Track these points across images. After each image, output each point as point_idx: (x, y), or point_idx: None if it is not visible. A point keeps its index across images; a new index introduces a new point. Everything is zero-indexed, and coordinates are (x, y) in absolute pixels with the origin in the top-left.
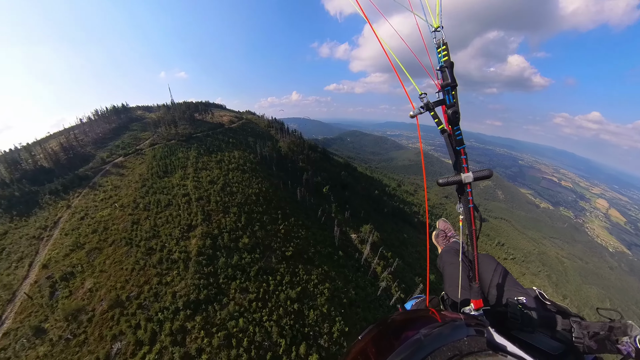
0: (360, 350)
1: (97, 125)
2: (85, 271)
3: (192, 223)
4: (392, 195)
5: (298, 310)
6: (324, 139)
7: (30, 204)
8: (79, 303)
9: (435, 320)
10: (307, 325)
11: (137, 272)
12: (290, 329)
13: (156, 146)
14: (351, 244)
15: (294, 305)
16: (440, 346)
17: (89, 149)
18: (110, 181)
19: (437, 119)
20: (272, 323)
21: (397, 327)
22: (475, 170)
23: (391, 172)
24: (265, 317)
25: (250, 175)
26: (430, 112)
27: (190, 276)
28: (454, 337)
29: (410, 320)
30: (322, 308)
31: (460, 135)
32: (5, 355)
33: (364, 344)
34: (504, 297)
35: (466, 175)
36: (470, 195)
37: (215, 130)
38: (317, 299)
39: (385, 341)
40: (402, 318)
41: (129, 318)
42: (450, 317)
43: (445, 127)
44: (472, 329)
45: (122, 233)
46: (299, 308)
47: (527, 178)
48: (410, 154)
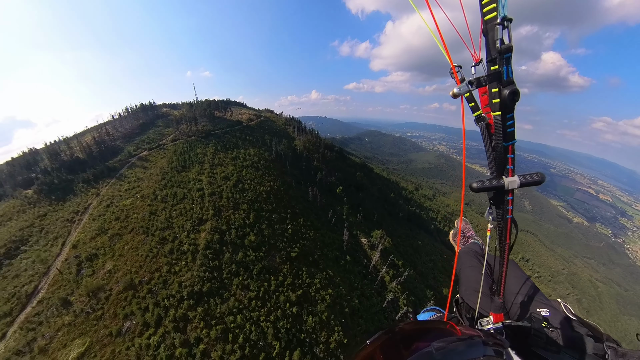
0: (366, 356)
1: (127, 121)
2: (106, 254)
3: (203, 217)
4: (409, 199)
5: (296, 314)
6: (342, 138)
7: (66, 190)
8: (100, 282)
9: (450, 334)
10: (304, 331)
11: (150, 259)
12: (286, 332)
13: (177, 142)
14: (360, 249)
15: (293, 308)
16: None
17: (119, 143)
18: (134, 173)
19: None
20: (269, 324)
21: (408, 336)
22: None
23: (409, 174)
24: (263, 317)
25: (264, 172)
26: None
27: (197, 268)
28: (470, 355)
29: (423, 331)
30: (322, 315)
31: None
32: (39, 319)
33: (371, 350)
34: (528, 308)
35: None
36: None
37: (234, 127)
38: (317, 305)
39: (395, 350)
40: (415, 327)
41: (139, 301)
42: (468, 333)
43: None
44: (491, 349)
45: (140, 222)
46: (297, 312)
47: (559, 188)
48: (431, 157)
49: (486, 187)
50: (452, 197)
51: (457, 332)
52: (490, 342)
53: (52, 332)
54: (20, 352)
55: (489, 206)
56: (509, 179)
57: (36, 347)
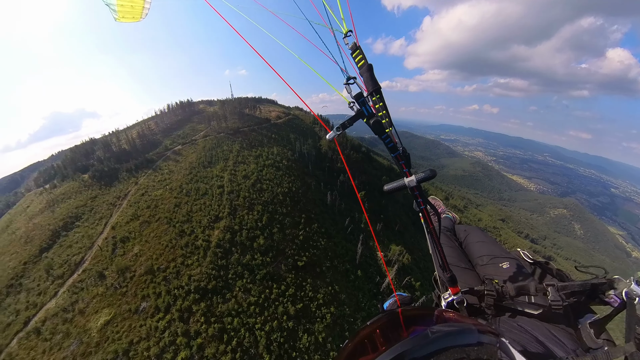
0: (367, 335)
1: (167, 117)
2: (136, 238)
3: (219, 215)
4: None
5: (292, 329)
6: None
7: (112, 177)
8: (127, 263)
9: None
10: (296, 349)
11: (168, 249)
12: (278, 346)
13: (207, 138)
14: (375, 264)
15: (290, 322)
16: (448, 347)
17: (159, 137)
18: (167, 166)
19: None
20: (263, 333)
21: (407, 319)
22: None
23: (440, 181)
24: (259, 325)
25: (284, 172)
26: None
27: (206, 265)
28: (465, 340)
29: (422, 316)
30: (319, 335)
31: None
32: (81, 286)
33: (371, 330)
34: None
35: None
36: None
37: (261, 125)
38: (316, 323)
39: (393, 331)
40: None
41: (155, 285)
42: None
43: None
44: (485, 337)
45: (165, 213)
46: (294, 327)
47: (621, 213)
48: (465, 163)
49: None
50: (486, 211)
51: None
52: (485, 330)
53: (89, 298)
54: (65, 309)
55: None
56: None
57: (77, 308)
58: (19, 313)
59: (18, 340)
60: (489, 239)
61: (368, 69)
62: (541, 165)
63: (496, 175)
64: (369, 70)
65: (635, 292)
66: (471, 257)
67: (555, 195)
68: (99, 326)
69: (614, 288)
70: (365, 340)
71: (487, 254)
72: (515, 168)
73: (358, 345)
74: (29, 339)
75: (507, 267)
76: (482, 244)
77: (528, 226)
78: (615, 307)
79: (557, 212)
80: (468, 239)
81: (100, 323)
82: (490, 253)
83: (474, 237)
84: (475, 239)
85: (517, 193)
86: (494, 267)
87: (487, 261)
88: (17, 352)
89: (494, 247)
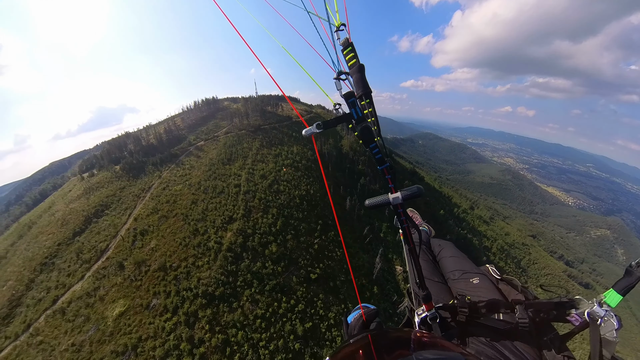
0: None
1: (193, 113)
2: (154, 232)
3: (233, 216)
4: (461, 219)
5: (298, 352)
6: (393, 139)
7: (140, 170)
8: (144, 256)
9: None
10: None
11: (182, 247)
12: None
13: (229, 135)
14: (393, 279)
15: (297, 344)
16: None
17: (184, 132)
18: (189, 161)
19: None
20: (267, 353)
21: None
22: (403, 189)
23: (465, 188)
24: (263, 342)
25: (303, 173)
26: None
27: (216, 269)
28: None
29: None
30: None
31: (378, 154)
32: (104, 273)
33: (354, 349)
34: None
35: (394, 196)
36: (403, 216)
37: (282, 123)
38: (325, 348)
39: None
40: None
41: (166, 284)
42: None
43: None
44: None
45: (182, 209)
46: (300, 349)
47: None
48: (494, 170)
49: (375, 203)
50: (514, 224)
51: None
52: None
53: (109, 286)
54: (89, 294)
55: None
56: (392, 196)
57: (98, 294)
58: (49, 291)
59: (45, 318)
60: (461, 254)
61: (359, 69)
62: (583, 177)
63: (528, 185)
64: (360, 71)
65: (598, 314)
66: (444, 271)
67: (597, 213)
68: (114, 316)
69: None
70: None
71: (459, 269)
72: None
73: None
74: (54, 317)
75: (477, 283)
76: (454, 259)
77: (563, 246)
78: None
79: (599, 232)
80: (442, 254)
81: (116, 313)
82: (461, 268)
83: (447, 252)
84: (449, 254)
85: (552, 207)
86: (465, 282)
87: (459, 276)
88: (44, 328)
89: (465, 263)
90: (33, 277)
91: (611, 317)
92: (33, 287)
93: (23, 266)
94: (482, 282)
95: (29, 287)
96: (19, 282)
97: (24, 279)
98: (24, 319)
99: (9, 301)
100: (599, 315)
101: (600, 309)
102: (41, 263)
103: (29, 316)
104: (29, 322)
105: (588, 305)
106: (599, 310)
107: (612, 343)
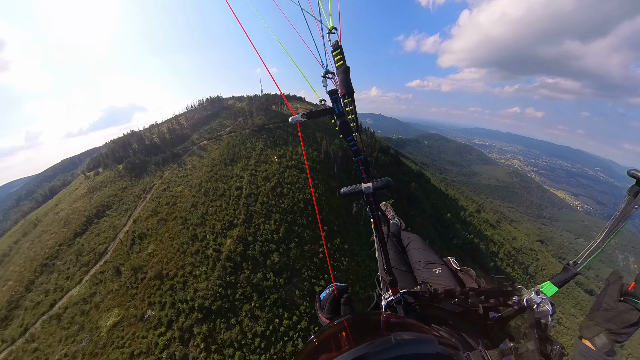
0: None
1: (197, 112)
2: (152, 236)
3: (233, 221)
4: (468, 222)
5: None
6: (398, 139)
7: (142, 170)
8: (141, 262)
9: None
10: None
11: (179, 254)
12: None
13: (232, 134)
14: None
15: None
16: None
17: (188, 131)
18: (191, 161)
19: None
20: None
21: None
22: (375, 180)
23: (471, 190)
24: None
25: (307, 175)
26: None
27: (214, 280)
28: (425, 349)
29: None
30: None
31: (354, 146)
32: (101, 278)
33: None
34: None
35: (365, 185)
36: (374, 204)
37: (287, 122)
38: None
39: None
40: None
41: (162, 293)
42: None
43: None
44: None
45: (182, 212)
46: None
47: None
48: (500, 172)
49: (349, 192)
50: (522, 229)
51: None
52: (445, 342)
53: (105, 292)
54: (85, 300)
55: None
56: (364, 185)
57: (93, 301)
58: (47, 294)
59: (42, 323)
60: (427, 247)
61: (345, 70)
62: (591, 181)
63: (536, 188)
64: (345, 72)
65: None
66: (411, 261)
67: (601, 217)
68: (108, 326)
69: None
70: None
71: (424, 260)
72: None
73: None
74: (50, 323)
75: (439, 272)
76: (420, 251)
77: (571, 251)
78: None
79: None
80: (410, 245)
81: (110, 323)
82: (426, 259)
83: (414, 245)
84: (416, 247)
85: (560, 211)
86: (429, 272)
87: (424, 266)
88: (39, 334)
89: (429, 254)
90: (33, 279)
91: (547, 304)
92: (32, 289)
93: (24, 266)
94: (444, 272)
95: (28, 289)
96: (18, 283)
97: (24, 280)
98: (22, 322)
99: (7, 303)
100: (535, 302)
101: (537, 297)
102: (42, 264)
103: (26, 320)
104: (26, 326)
105: (527, 293)
106: (535, 298)
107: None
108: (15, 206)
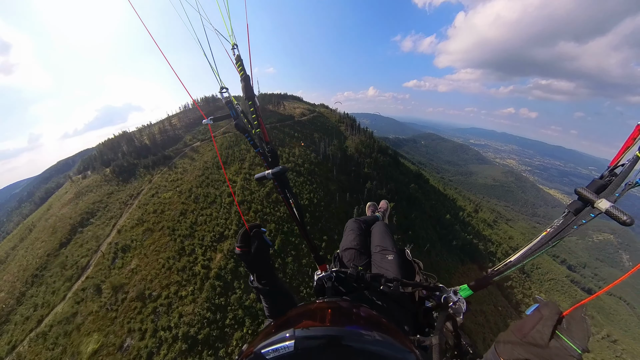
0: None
1: (191, 112)
2: (136, 249)
3: (224, 232)
4: (467, 223)
5: None
6: (395, 139)
7: (130, 173)
8: (122, 280)
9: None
10: None
11: (165, 271)
12: None
13: (226, 135)
14: None
15: None
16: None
17: (180, 132)
18: (182, 164)
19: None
20: None
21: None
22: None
23: (467, 189)
24: None
25: (305, 179)
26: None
27: (201, 302)
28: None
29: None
30: None
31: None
32: (82, 295)
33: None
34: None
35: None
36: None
37: (284, 122)
38: None
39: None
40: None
41: (143, 318)
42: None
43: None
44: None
45: (170, 221)
46: None
47: None
48: (496, 172)
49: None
50: (517, 227)
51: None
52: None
53: (85, 313)
54: (68, 320)
55: None
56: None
57: (75, 322)
58: (36, 308)
59: (29, 341)
60: (387, 233)
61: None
62: (584, 180)
63: (531, 187)
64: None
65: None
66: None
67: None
68: (88, 353)
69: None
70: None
71: (379, 245)
72: (554, 181)
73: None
74: (37, 341)
75: (391, 259)
76: (380, 236)
77: (565, 250)
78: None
79: (602, 237)
80: (373, 229)
81: (89, 350)
82: (382, 244)
83: (376, 229)
84: (377, 231)
85: (554, 210)
86: (381, 256)
87: (379, 250)
88: (26, 354)
89: (387, 241)
90: (24, 290)
91: (462, 303)
92: (23, 302)
93: (17, 276)
94: (395, 260)
95: (19, 302)
96: (10, 295)
97: (15, 292)
98: (10, 338)
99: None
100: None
101: (454, 296)
102: (32, 274)
103: (14, 337)
104: (14, 343)
105: (446, 292)
106: (452, 297)
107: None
108: (17, 207)
